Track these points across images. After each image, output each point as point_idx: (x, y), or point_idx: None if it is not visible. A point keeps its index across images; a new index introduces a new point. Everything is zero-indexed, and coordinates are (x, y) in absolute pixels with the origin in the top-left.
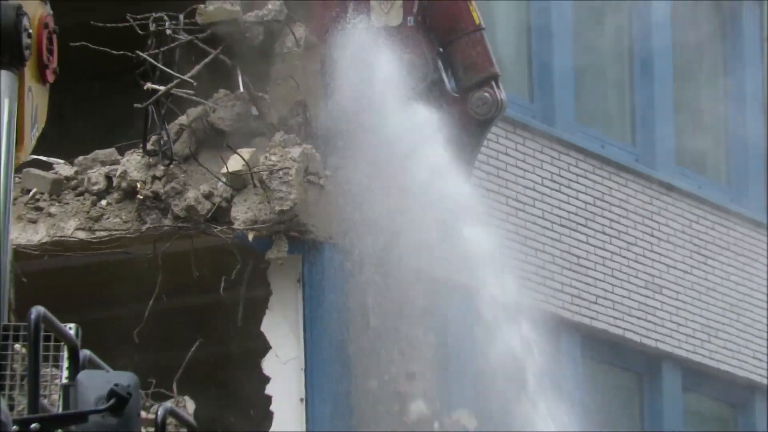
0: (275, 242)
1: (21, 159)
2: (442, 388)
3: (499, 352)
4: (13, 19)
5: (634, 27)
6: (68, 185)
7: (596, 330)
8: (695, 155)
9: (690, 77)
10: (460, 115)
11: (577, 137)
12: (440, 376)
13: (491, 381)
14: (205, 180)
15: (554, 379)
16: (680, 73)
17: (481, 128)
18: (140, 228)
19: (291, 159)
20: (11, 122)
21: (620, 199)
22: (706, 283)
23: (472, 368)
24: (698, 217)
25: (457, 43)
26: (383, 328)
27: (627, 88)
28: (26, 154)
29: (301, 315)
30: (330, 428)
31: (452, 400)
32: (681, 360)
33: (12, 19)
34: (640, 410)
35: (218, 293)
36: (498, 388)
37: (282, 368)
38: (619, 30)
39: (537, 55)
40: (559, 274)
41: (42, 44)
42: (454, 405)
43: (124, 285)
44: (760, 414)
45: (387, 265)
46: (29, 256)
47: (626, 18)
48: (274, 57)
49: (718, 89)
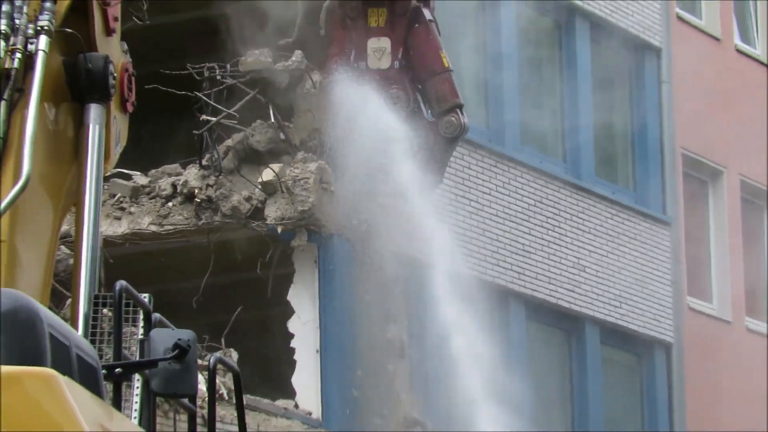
0: (297, 234)
1: (108, 170)
2: (417, 328)
3: (459, 312)
4: (102, 65)
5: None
6: (143, 191)
7: (537, 299)
8: (610, 169)
9: (605, 107)
10: (434, 135)
11: (520, 155)
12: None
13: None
14: (245, 187)
15: (504, 335)
16: (597, 108)
17: (449, 145)
18: (197, 223)
19: (309, 171)
20: (101, 143)
21: (554, 201)
22: (618, 263)
23: (441, 321)
24: (612, 215)
25: (431, 80)
26: (377, 296)
27: (559, 119)
28: (112, 166)
29: (317, 288)
30: (338, 373)
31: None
32: (599, 321)
33: (101, 65)
34: (569, 359)
35: (255, 271)
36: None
37: (302, 327)
38: (552, 88)
39: (492, 95)
40: (509, 258)
41: (123, 84)
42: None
43: (185, 265)
44: (659, 362)
45: (378, 249)
46: (114, 244)
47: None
48: (297, 96)
49: (624, 119)
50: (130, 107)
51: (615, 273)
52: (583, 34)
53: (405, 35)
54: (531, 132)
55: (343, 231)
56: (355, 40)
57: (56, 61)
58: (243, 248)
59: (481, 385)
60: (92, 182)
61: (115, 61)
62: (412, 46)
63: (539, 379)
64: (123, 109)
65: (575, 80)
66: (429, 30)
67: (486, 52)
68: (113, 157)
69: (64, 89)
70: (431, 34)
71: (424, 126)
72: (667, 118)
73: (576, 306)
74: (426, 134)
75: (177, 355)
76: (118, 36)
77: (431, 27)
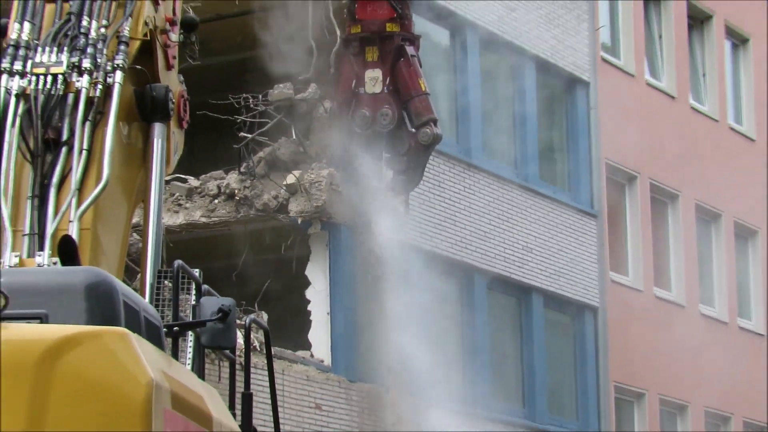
0: (313, 224)
1: (168, 174)
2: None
3: (435, 283)
4: (163, 93)
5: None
6: (196, 191)
7: (495, 273)
8: (551, 174)
9: (547, 126)
10: (414, 143)
11: (482, 163)
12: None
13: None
14: (274, 188)
15: (470, 301)
16: (541, 127)
17: (425, 151)
18: (237, 216)
19: (322, 176)
20: (163, 153)
21: (508, 199)
22: (557, 246)
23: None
24: (552, 209)
25: (411, 101)
26: (373, 273)
27: (512, 136)
28: (171, 170)
29: (327, 265)
30: (344, 332)
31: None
32: (543, 290)
33: (162, 93)
34: (520, 320)
35: (280, 253)
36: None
37: (316, 295)
38: (507, 112)
39: (461, 119)
40: (474, 242)
41: (180, 107)
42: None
43: (227, 248)
44: (588, 322)
45: (373, 235)
46: (173, 231)
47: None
48: (313, 119)
49: (562, 135)
50: (185, 125)
51: (555, 253)
52: (531, 72)
53: (392, 66)
54: (490, 146)
55: (347, 222)
56: (356, 71)
57: (129, 90)
58: (271, 235)
59: (452, 340)
60: (156, 183)
61: (173, 89)
62: (398, 74)
63: (497, 336)
64: (180, 126)
65: (524, 106)
66: (410, 63)
67: (456, 86)
68: (173, 164)
69: (134, 112)
70: (412, 66)
71: (407, 135)
72: (594, 135)
73: (525, 279)
74: (408, 142)
75: (221, 317)
76: (176, 70)
77: (413, 60)
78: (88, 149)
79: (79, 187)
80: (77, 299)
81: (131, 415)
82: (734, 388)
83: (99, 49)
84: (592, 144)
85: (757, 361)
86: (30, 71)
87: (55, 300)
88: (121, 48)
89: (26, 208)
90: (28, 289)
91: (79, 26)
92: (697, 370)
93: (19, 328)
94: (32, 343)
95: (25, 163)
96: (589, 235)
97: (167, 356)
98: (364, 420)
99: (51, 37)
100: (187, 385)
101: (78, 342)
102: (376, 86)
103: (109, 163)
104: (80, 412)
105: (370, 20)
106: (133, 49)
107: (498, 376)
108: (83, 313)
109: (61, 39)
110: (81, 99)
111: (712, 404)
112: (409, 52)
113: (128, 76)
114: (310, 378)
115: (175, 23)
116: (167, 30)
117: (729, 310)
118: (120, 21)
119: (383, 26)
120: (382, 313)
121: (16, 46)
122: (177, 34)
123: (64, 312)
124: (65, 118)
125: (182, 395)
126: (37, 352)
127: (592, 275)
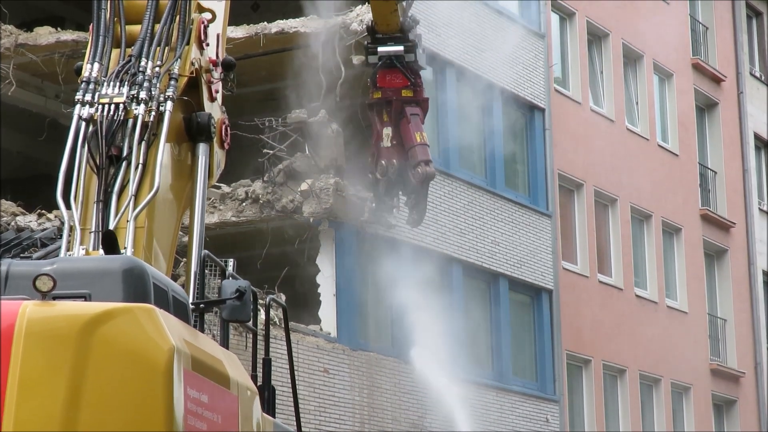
0: (322, 222)
1: (210, 184)
2: (395, 281)
3: (418, 271)
4: (206, 120)
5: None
6: (227, 196)
7: (469, 263)
8: (514, 182)
9: (511, 144)
10: (415, 182)
11: (458, 173)
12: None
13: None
14: (291, 193)
15: (448, 286)
16: (506, 144)
17: (422, 188)
18: (260, 216)
19: (330, 184)
20: (206, 167)
21: (479, 202)
22: (520, 240)
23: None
24: (515, 210)
25: (411, 149)
26: (372, 263)
27: (483, 150)
28: (214, 182)
29: (334, 255)
30: (347, 310)
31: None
32: (508, 276)
33: (206, 120)
34: (489, 302)
35: (295, 246)
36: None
37: (325, 279)
38: (479, 132)
39: (441, 137)
40: (452, 237)
41: (221, 131)
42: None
43: (253, 242)
44: (545, 302)
45: (372, 233)
46: (209, 229)
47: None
48: (322, 138)
49: (523, 151)
50: (227, 146)
51: (517, 246)
52: (498, 101)
53: (396, 125)
54: (465, 159)
55: (350, 221)
56: (377, 129)
57: (178, 117)
58: (289, 231)
59: (433, 320)
60: (200, 192)
61: (216, 117)
62: (401, 131)
63: (470, 315)
64: (222, 147)
65: (492, 127)
66: (409, 120)
67: (438, 114)
68: (215, 176)
69: (183, 134)
70: (411, 123)
71: (408, 176)
72: (548, 151)
73: (494, 267)
74: (409, 181)
75: (238, 296)
76: (218, 101)
77: (412, 118)
78: (144, 164)
79: (135, 194)
80: (115, 281)
81: (155, 374)
82: (663, 355)
83: (153, 84)
84: (547, 158)
85: (682, 334)
86: (97, 101)
87: (97, 282)
88: (172, 83)
89: (93, 210)
90: (75, 273)
91: (138, 66)
92: (633, 340)
93: (66, 305)
94: (75, 317)
95: (92, 175)
96: (545, 232)
97: (190, 328)
98: (363, 381)
99: (115, 74)
100: (208, 351)
101: (112, 316)
102: (387, 141)
103: (159, 175)
104: (113, 372)
105: (388, 87)
106: (181, 84)
107: (471, 346)
108: (120, 293)
109: (123, 76)
110: (138, 123)
111: (645, 368)
112: (408, 112)
113: (178, 106)
114: (320, 347)
115: (217, 64)
116: (211, 69)
117: (658, 291)
118: (171, 61)
119: (399, 92)
120: (378, 294)
121: (87, 82)
122: (219, 72)
123: (104, 292)
124: (125, 138)
125: (202, 359)
126: (79, 325)
127: (548, 264)
